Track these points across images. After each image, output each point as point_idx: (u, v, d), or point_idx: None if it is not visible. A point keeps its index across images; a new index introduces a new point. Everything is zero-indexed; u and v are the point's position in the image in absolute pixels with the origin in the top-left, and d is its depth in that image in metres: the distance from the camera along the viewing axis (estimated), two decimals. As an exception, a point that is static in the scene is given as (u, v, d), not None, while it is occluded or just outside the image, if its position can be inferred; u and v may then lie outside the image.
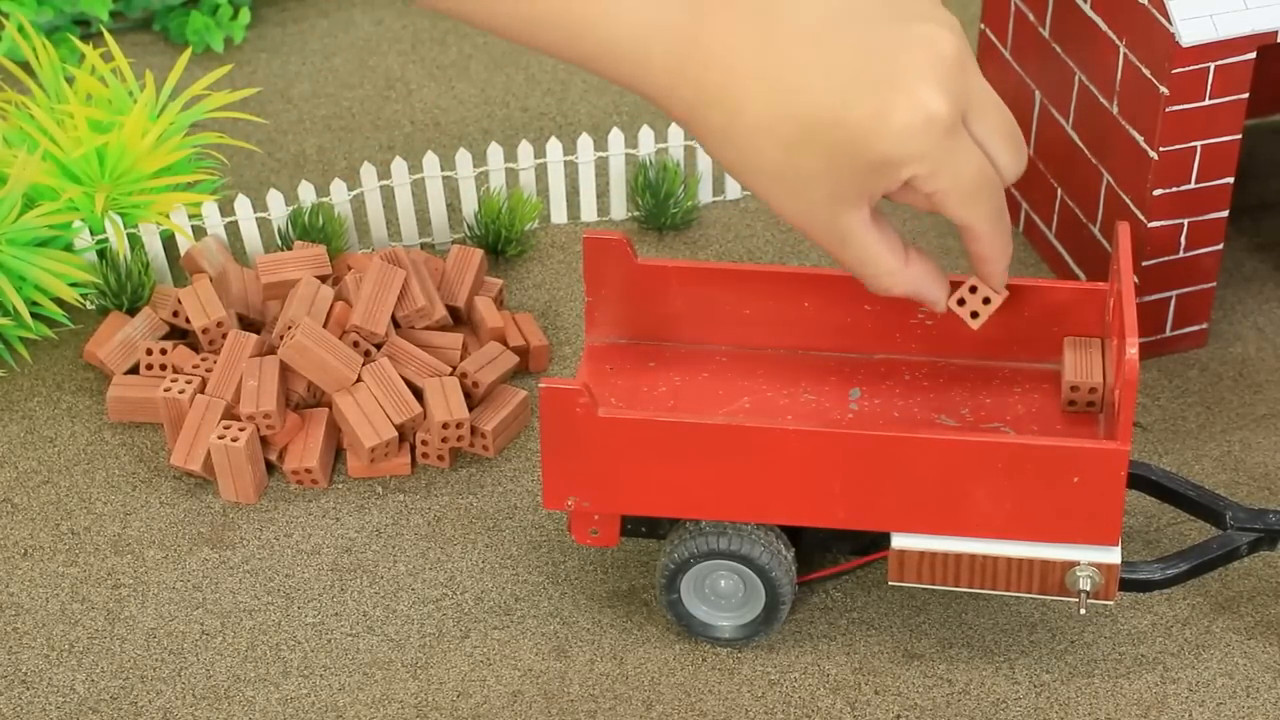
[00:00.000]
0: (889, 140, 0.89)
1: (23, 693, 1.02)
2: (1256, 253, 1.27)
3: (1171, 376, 1.18)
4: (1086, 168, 1.18)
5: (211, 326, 1.15)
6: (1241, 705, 1.01)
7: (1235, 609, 1.05)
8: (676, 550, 1.01)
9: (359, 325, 1.13)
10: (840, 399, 1.04)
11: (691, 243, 1.27)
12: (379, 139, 1.36)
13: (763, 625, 1.02)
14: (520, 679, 1.02)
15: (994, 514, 0.96)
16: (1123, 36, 1.11)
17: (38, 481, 1.13)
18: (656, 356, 1.06)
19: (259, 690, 1.02)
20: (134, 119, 1.22)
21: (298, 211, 1.24)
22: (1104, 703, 1.01)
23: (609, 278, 1.05)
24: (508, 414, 1.13)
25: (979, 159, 0.92)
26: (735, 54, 0.90)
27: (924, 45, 0.90)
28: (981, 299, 1.01)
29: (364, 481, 1.13)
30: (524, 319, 1.20)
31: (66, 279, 1.19)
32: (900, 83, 0.89)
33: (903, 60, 0.89)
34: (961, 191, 0.92)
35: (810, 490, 0.97)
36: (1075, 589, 0.98)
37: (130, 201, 1.23)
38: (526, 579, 1.07)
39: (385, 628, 1.05)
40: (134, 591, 1.07)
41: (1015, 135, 0.94)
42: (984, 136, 0.93)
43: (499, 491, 1.12)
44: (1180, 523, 1.09)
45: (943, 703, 1.01)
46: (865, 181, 0.91)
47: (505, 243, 1.26)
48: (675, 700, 1.01)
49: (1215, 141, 1.11)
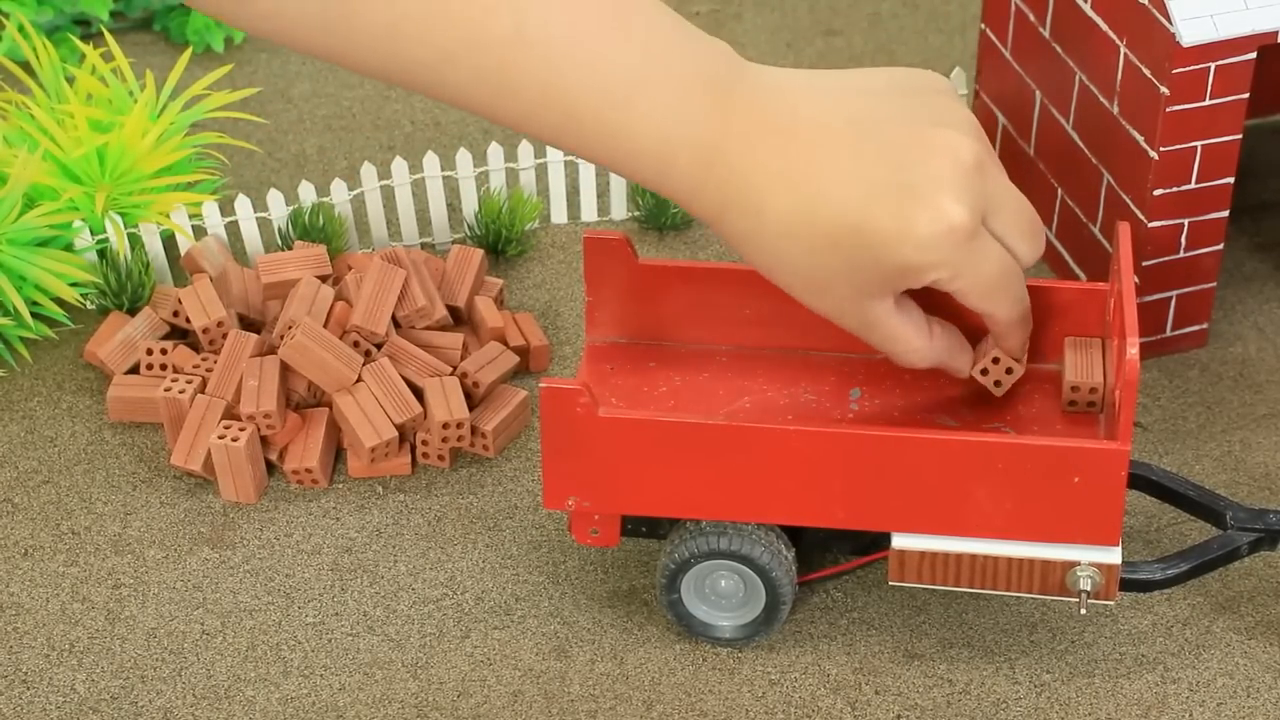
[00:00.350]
0: (911, 249, 0.91)
1: (23, 692, 1.02)
2: (1256, 253, 1.27)
3: (1171, 376, 1.18)
4: (1086, 168, 1.18)
5: (212, 326, 1.15)
6: (1241, 705, 1.01)
7: (1235, 609, 1.05)
8: (677, 550, 1.01)
9: (359, 325, 1.13)
10: (840, 399, 1.04)
11: (691, 243, 1.27)
12: (379, 139, 1.36)
13: (763, 625, 1.02)
14: (520, 679, 1.02)
15: (994, 514, 0.96)
16: (1123, 36, 1.11)
17: (38, 481, 1.13)
18: (657, 356, 1.06)
19: (259, 690, 1.02)
20: (134, 119, 1.22)
21: (298, 211, 1.24)
22: (1104, 703, 1.01)
23: (609, 278, 1.05)
24: (508, 414, 1.13)
25: (998, 255, 0.95)
26: (758, 161, 0.91)
27: (944, 153, 0.92)
28: (1004, 369, 1.01)
29: (364, 481, 1.13)
30: (524, 319, 1.20)
31: (67, 279, 1.19)
32: (921, 192, 0.91)
33: (923, 169, 0.91)
34: (982, 289, 0.95)
35: (810, 490, 0.97)
36: (1076, 589, 0.98)
37: (130, 201, 1.23)
38: (527, 579, 1.07)
39: (385, 628, 1.05)
40: (134, 591, 1.07)
41: (1033, 226, 0.96)
42: (1002, 232, 0.95)
43: (499, 491, 1.12)
44: (1180, 523, 1.09)
45: (943, 703, 1.01)
46: (888, 283, 0.93)
47: (505, 243, 1.26)
48: (675, 700, 1.01)
49: (1215, 141, 1.11)
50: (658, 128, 0.91)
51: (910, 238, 0.91)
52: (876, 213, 0.91)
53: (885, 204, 0.91)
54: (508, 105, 0.90)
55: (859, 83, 0.95)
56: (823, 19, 1.47)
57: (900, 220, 0.91)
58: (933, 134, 0.92)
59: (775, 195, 0.92)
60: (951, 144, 0.92)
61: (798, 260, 0.93)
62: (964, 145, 0.92)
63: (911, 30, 1.46)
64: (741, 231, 0.93)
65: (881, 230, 0.91)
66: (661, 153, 0.91)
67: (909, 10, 1.48)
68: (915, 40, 1.45)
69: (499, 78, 0.89)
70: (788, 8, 1.48)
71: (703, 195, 0.93)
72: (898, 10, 1.48)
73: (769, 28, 1.46)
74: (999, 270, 0.95)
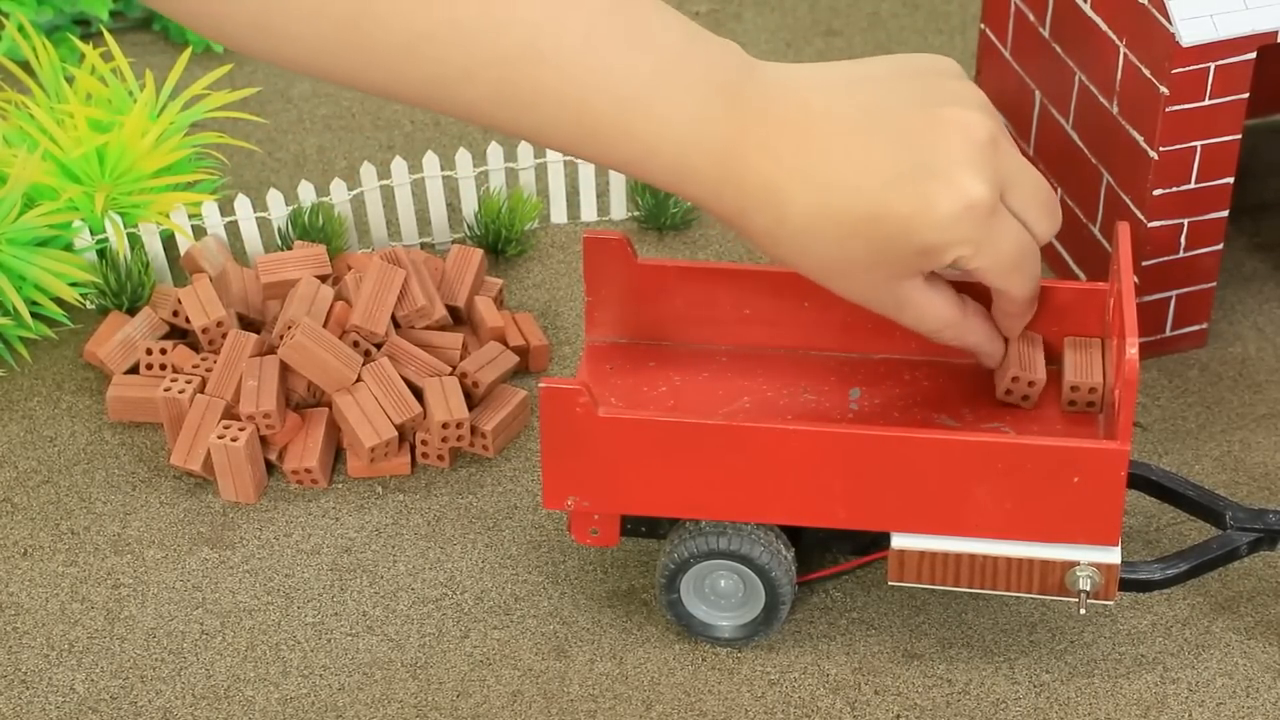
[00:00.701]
0: (933, 229, 0.92)
1: (23, 692, 1.02)
2: (1256, 253, 1.27)
3: (1171, 376, 1.18)
4: (1086, 168, 1.18)
5: (211, 326, 1.15)
6: (1241, 705, 1.01)
7: (1235, 609, 1.05)
8: (676, 550, 1.01)
9: (359, 325, 1.13)
10: (840, 399, 1.04)
11: (691, 243, 1.27)
12: (379, 138, 1.36)
13: (763, 625, 1.02)
14: (520, 679, 1.02)
15: (994, 514, 0.96)
16: (1123, 36, 1.11)
17: (38, 481, 1.13)
18: (656, 356, 1.06)
19: (259, 690, 1.02)
20: (134, 119, 1.22)
21: (298, 211, 1.24)
22: (1104, 703, 1.01)
23: (609, 278, 1.05)
24: (508, 414, 1.13)
25: (1017, 232, 0.95)
26: (774, 158, 0.92)
27: (958, 131, 0.92)
28: (1027, 382, 1.02)
29: (364, 481, 1.12)
30: (524, 319, 1.20)
31: (66, 279, 1.19)
32: (938, 172, 0.92)
33: (939, 149, 0.92)
34: (1001, 266, 0.95)
35: (810, 490, 0.97)
36: (1075, 589, 0.98)
37: (130, 201, 1.23)
38: (526, 579, 1.07)
39: (385, 628, 1.05)
40: (134, 591, 1.07)
41: (1049, 201, 0.96)
42: (1019, 208, 0.95)
43: (499, 491, 1.12)
44: (1180, 523, 1.09)
45: (943, 703, 1.01)
46: (913, 264, 0.94)
47: (505, 242, 1.26)
48: (675, 700, 1.01)
49: (1215, 141, 1.11)
50: (674, 133, 0.91)
51: (930, 218, 0.92)
52: (894, 199, 0.91)
53: (902, 189, 0.91)
54: (523, 118, 0.91)
55: (867, 71, 0.95)
56: (823, 19, 1.47)
57: (919, 202, 0.91)
58: (944, 113, 0.93)
59: (794, 192, 0.92)
60: (964, 121, 0.92)
61: (822, 252, 0.93)
62: (977, 121, 0.93)
63: (911, 30, 1.46)
64: (763, 229, 0.94)
65: (901, 215, 0.91)
66: (679, 158, 0.92)
67: (909, 10, 1.48)
68: (915, 40, 1.45)
69: (514, 92, 0.89)
70: (788, 8, 1.48)
71: (722, 196, 0.93)
72: (898, 10, 1.48)
73: (769, 28, 1.46)
74: (1018, 246, 0.95)
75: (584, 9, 0.89)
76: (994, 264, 0.95)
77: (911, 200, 0.91)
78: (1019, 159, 0.95)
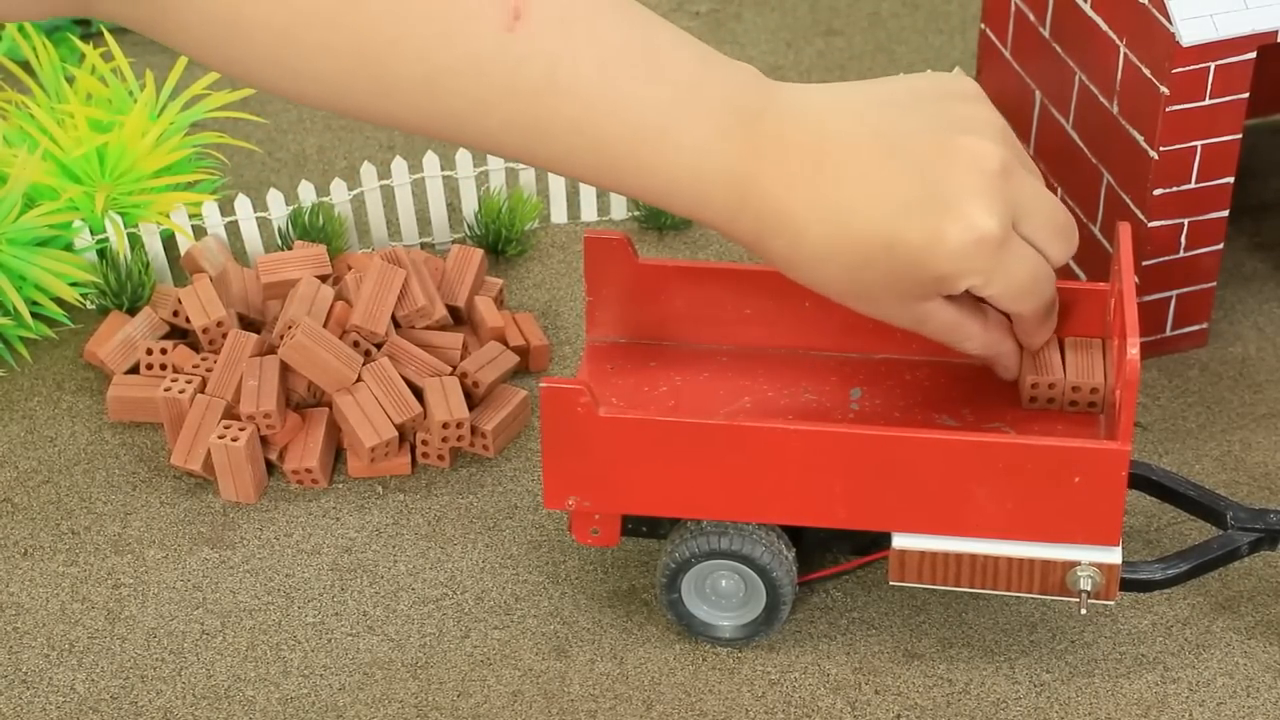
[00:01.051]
0: (944, 261, 0.93)
1: (23, 692, 1.02)
2: (1256, 253, 1.27)
3: (1171, 376, 1.18)
4: (1086, 168, 1.18)
5: (211, 326, 1.15)
6: (1241, 705, 1.01)
7: (1235, 609, 1.05)
8: (677, 550, 1.01)
9: (359, 325, 1.13)
10: (841, 399, 1.04)
11: (691, 243, 1.27)
12: (379, 138, 1.36)
13: (763, 625, 1.02)
14: (520, 679, 1.02)
15: (995, 514, 0.96)
16: (1123, 36, 1.11)
17: (38, 481, 1.13)
18: (657, 356, 1.06)
19: (259, 690, 1.02)
20: (134, 118, 1.22)
21: (298, 211, 1.24)
22: (1104, 702, 1.01)
23: (609, 277, 1.05)
24: (508, 414, 1.13)
25: (1030, 258, 0.96)
26: (788, 185, 0.92)
27: (969, 162, 0.93)
28: (1047, 385, 1.02)
29: (364, 481, 1.12)
30: (524, 319, 1.20)
31: (66, 279, 1.19)
32: (950, 204, 0.92)
33: (950, 179, 0.92)
34: (1013, 292, 0.96)
35: (811, 490, 0.97)
36: (1076, 589, 0.98)
37: (130, 201, 1.23)
38: (526, 579, 1.07)
39: (385, 627, 1.05)
40: (134, 591, 1.07)
41: (1063, 227, 0.97)
42: (1032, 234, 0.96)
43: (499, 491, 1.12)
44: (1180, 523, 1.09)
45: (943, 702, 1.01)
46: (928, 289, 0.95)
47: (505, 242, 1.26)
48: (675, 700, 1.01)
49: (1215, 141, 1.11)
50: (691, 162, 0.92)
51: (941, 250, 0.92)
52: (906, 228, 0.92)
53: (914, 219, 0.92)
54: (541, 149, 0.91)
55: (883, 93, 0.95)
56: (823, 19, 1.47)
57: (930, 234, 0.92)
58: (958, 143, 0.93)
59: (809, 219, 0.93)
60: (977, 152, 0.93)
61: (839, 276, 0.94)
62: (989, 152, 0.93)
63: (911, 30, 1.46)
64: (781, 254, 0.94)
65: (912, 245, 0.92)
66: (696, 186, 0.92)
67: (909, 10, 1.48)
68: (915, 40, 1.45)
69: (533, 124, 0.90)
70: (788, 8, 1.48)
71: (739, 223, 0.94)
72: (898, 10, 1.48)
73: (769, 28, 1.46)
74: (1030, 274, 0.96)
75: (600, 40, 0.89)
76: (1005, 291, 0.95)
77: (922, 231, 0.92)
78: (1033, 185, 0.95)
